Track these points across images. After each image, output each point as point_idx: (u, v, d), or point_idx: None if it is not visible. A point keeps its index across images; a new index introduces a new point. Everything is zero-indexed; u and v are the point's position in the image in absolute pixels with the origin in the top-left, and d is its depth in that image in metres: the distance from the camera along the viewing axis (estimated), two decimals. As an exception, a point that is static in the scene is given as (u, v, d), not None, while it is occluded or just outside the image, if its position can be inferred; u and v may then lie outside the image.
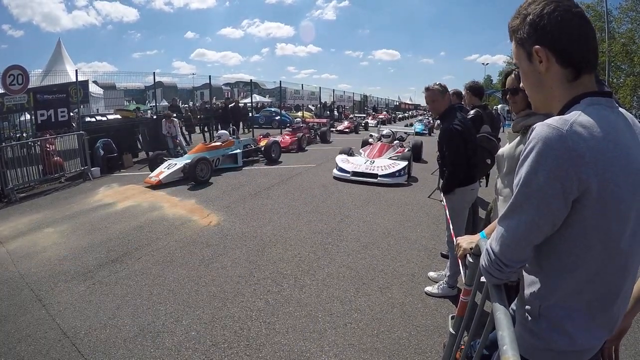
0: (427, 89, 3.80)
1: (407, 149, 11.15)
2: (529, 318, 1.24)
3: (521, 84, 1.29)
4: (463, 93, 5.97)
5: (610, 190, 1.01)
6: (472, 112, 4.81)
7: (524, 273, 1.30)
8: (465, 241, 1.76)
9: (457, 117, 3.73)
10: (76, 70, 12.86)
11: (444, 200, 3.90)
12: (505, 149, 2.62)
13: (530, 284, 1.25)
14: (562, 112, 1.13)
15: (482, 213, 5.53)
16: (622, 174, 1.02)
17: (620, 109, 1.15)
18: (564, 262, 1.14)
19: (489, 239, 1.25)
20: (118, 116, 13.55)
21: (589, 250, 1.09)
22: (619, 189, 1.02)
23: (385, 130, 13.02)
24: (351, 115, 30.37)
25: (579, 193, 1.02)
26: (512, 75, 2.56)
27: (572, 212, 1.06)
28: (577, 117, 1.04)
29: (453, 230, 3.65)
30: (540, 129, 1.05)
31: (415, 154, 11.38)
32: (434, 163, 4.40)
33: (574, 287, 1.14)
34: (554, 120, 1.05)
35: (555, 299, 1.18)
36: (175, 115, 13.35)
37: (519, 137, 2.46)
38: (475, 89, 5.29)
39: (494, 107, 10.28)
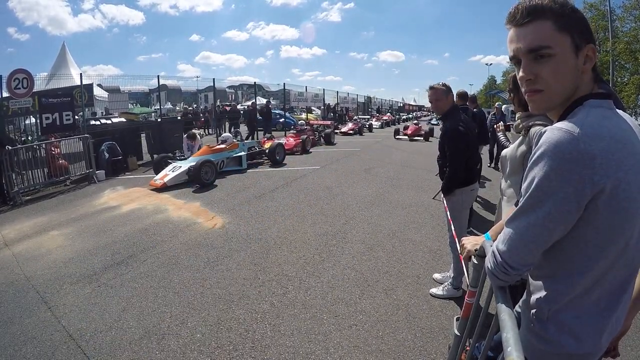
0: (432, 88, 3.80)
1: None
2: (537, 322, 1.23)
3: (521, 74, 1.20)
4: (469, 94, 5.94)
5: (622, 189, 1.01)
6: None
7: (531, 279, 1.29)
8: (470, 242, 1.75)
9: (460, 117, 3.74)
10: (80, 74, 12.95)
11: (444, 201, 3.91)
12: (507, 150, 2.62)
13: (539, 289, 1.23)
14: (564, 115, 1.14)
15: (485, 213, 5.51)
16: (632, 172, 1.02)
17: (616, 110, 1.15)
18: (575, 264, 1.13)
19: (496, 241, 1.24)
20: (123, 119, 13.62)
21: (601, 250, 1.09)
22: (630, 188, 1.02)
23: None
24: (355, 117, 30.34)
25: (592, 195, 1.01)
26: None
27: (585, 213, 1.05)
28: (585, 119, 1.04)
29: (454, 230, 3.65)
30: (551, 133, 1.04)
31: None
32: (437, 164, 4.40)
33: (584, 287, 1.14)
34: (563, 124, 1.05)
35: (565, 301, 1.17)
36: (202, 134, 13.25)
37: (520, 138, 2.46)
38: None
39: (497, 104, 10.25)
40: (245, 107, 26.34)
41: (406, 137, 20.55)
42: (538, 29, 1.11)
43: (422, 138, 20.21)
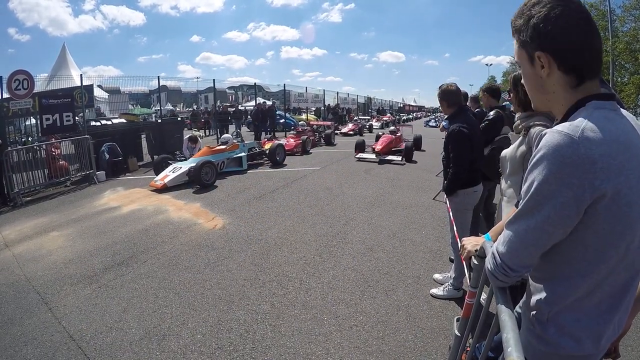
0: (441, 88, 3.81)
1: None
2: (537, 324, 1.23)
3: (523, 81, 1.26)
4: (469, 94, 5.94)
5: (624, 194, 1.00)
6: (492, 113, 4.77)
7: (531, 280, 1.29)
8: (470, 243, 1.75)
9: (467, 119, 3.73)
10: (81, 75, 12.95)
11: (447, 202, 3.90)
12: (507, 150, 2.62)
13: (539, 291, 1.23)
14: (566, 117, 1.12)
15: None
16: (634, 177, 1.00)
17: (621, 110, 1.13)
18: (575, 268, 1.13)
19: (496, 242, 1.24)
20: (123, 120, 13.62)
21: (601, 254, 1.08)
22: (632, 192, 1.01)
23: None
24: (355, 118, 30.32)
25: (592, 200, 1.00)
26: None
27: (585, 217, 1.04)
28: (586, 122, 1.03)
29: (457, 231, 3.64)
30: (551, 136, 1.03)
31: None
32: (438, 164, 4.42)
33: (584, 290, 1.13)
34: (564, 127, 1.03)
35: (565, 303, 1.16)
36: (202, 136, 13.14)
37: (520, 138, 2.46)
38: (493, 90, 5.26)
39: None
40: (251, 107, 26.65)
41: (374, 155, 13.14)
42: (514, 46, 1.23)
43: (400, 158, 12.68)
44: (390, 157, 12.79)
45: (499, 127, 4.52)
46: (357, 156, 13.28)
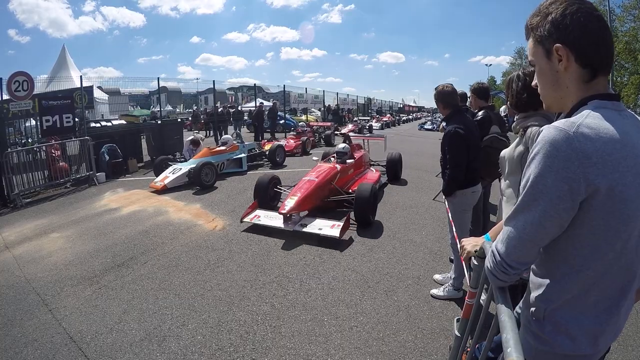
0: (437, 89, 3.82)
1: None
2: (534, 321, 1.23)
3: (533, 83, 1.28)
4: (468, 95, 5.94)
5: (619, 191, 1.01)
6: (480, 113, 4.77)
7: (532, 275, 1.29)
8: (470, 244, 1.75)
9: (463, 120, 3.73)
10: (81, 77, 12.94)
11: (446, 203, 3.90)
12: (506, 150, 2.62)
13: (536, 287, 1.24)
14: (570, 114, 1.14)
15: (493, 218, 5.50)
16: (630, 174, 1.02)
17: (628, 110, 1.15)
18: (570, 264, 1.14)
19: (495, 241, 1.25)
20: (123, 121, 13.62)
21: (596, 251, 1.09)
22: (628, 190, 1.02)
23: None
24: (355, 118, 30.32)
25: (587, 194, 1.02)
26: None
27: (580, 213, 1.06)
28: (584, 119, 1.05)
29: (456, 232, 3.64)
30: (547, 131, 1.05)
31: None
32: (438, 165, 4.45)
33: (581, 288, 1.14)
34: (560, 123, 1.05)
35: (561, 301, 1.17)
36: (203, 138, 13.05)
37: (518, 139, 2.46)
38: (481, 91, 5.24)
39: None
40: (248, 108, 26.73)
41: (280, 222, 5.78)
42: (529, 45, 1.25)
43: (336, 231, 5.30)
44: (315, 228, 5.58)
45: (487, 127, 4.53)
46: (245, 220, 6.05)
